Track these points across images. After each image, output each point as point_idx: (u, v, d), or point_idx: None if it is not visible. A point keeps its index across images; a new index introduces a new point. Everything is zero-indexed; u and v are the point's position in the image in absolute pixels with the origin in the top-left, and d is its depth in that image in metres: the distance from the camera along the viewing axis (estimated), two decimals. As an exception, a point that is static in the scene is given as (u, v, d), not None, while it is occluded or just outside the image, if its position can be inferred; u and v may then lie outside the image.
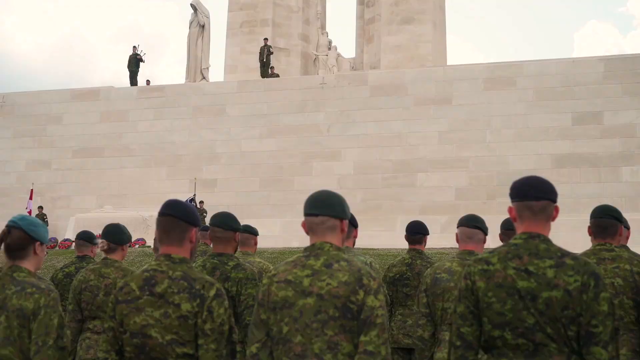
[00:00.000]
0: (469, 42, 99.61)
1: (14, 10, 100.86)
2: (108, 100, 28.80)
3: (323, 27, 37.64)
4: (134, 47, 30.59)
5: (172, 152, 27.54)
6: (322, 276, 3.34)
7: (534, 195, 3.30)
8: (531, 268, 3.17)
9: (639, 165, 23.12)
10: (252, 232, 6.81)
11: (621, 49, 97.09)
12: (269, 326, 3.42)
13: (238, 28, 35.42)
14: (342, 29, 78.42)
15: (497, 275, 3.21)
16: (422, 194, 24.79)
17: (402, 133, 25.65)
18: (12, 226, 3.79)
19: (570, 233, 13.53)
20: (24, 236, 3.78)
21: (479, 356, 3.32)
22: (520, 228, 3.33)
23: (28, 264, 3.80)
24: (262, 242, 23.30)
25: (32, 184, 27.38)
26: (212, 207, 25.67)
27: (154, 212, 25.74)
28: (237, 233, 5.09)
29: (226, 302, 3.46)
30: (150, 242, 23.96)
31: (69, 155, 28.48)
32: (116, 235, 5.70)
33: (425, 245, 6.70)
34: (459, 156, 24.90)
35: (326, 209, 3.48)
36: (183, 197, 25.78)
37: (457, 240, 5.14)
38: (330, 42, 36.02)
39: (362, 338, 3.23)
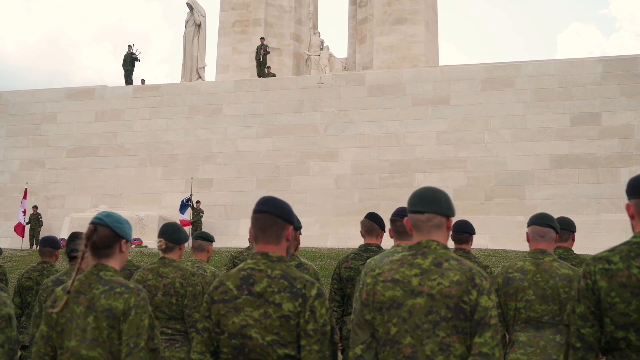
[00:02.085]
0: (450, 43, 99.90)
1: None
2: (103, 99, 28.52)
3: (315, 27, 37.54)
4: (129, 46, 30.31)
5: (168, 152, 27.32)
6: (432, 275, 3.24)
7: None
8: (657, 267, 3.08)
9: (637, 166, 23.15)
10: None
11: (604, 51, 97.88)
12: (375, 327, 3.32)
13: (230, 27, 35.26)
14: (334, 29, 78.31)
15: (620, 275, 3.11)
16: (420, 194, 24.67)
17: (399, 133, 25.58)
18: (98, 223, 3.65)
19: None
20: (111, 234, 3.65)
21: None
22: (639, 226, 3.23)
23: (113, 262, 3.67)
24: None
25: (27, 183, 27.07)
26: (209, 207, 25.58)
27: (149, 212, 25.67)
28: (298, 231, 4.98)
29: (327, 302, 3.36)
30: (146, 241, 23.74)
31: (64, 155, 28.18)
32: (174, 234, 5.59)
33: (471, 244, 6.63)
34: (457, 156, 24.87)
35: (433, 206, 3.38)
36: (178, 197, 25.74)
37: (528, 239, 5.05)
38: (322, 42, 35.94)
39: (477, 339, 3.14)
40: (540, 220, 4.99)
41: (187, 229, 23.03)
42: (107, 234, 3.64)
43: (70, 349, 3.49)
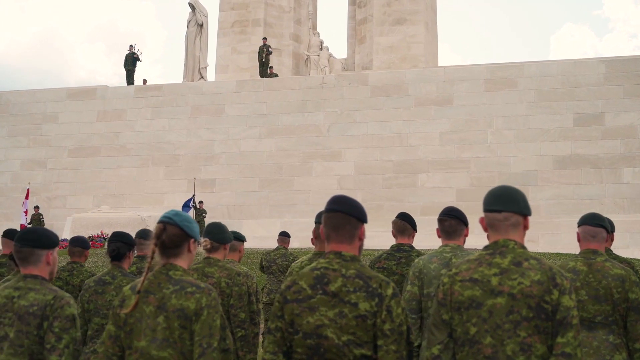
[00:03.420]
0: (445, 44, 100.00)
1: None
2: (104, 99, 28.41)
3: (314, 27, 37.53)
4: (131, 45, 30.20)
5: (170, 152, 27.24)
6: (512, 275, 3.22)
7: None
8: None
9: (640, 166, 23.23)
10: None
11: (597, 52, 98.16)
12: (452, 327, 3.29)
13: (229, 28, 35.24)
14: (333, 29, 78.23)
15: None
16: (423, 194, 24.72)
17: (402, 133, 25.56)
18: (167, 222, 3.61)
19: (571, 234, 13.52)
20: (180, 233, 3.61)
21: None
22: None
23: (182, 262, 3.63)
24: (262, 243, 22.64)
25: (29, 183, 26.98)
26: (211, 207, 25.51)
27: (152, 212, 25.55)
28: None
29: (402, 302, 3.32)
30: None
31: (65, 155, 28.07)
32: (218, 234, 5.56)
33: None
34: (460, 157, 24.86)
35: (510, 205, 3.35)
36: (181, 197, 25.67)
37: (579, 239, 5.03)
38: (321, 43, 35.94)
39: (559, 339, 3.12)
40: (591, 221, 4.98)
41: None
42: (176, 233, 3.60)
43: (140, 349, 3.45)
